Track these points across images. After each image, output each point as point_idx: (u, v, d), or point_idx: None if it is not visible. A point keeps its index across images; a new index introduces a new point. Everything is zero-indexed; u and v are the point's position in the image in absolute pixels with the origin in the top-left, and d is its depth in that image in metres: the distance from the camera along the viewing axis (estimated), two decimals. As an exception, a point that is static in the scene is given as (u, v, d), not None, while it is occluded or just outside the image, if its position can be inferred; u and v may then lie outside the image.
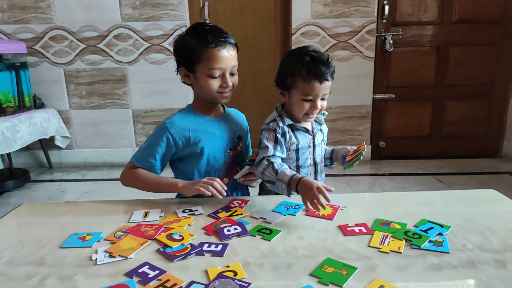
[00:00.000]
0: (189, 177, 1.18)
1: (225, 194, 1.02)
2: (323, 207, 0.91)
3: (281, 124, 1.16)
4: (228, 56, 1.11)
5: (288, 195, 1.04)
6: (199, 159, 1.16)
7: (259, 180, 1.19)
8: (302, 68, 1.10)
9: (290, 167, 1.17)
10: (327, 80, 1.11)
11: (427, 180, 2.82)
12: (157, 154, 1.15)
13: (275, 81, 1.21)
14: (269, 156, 1.11)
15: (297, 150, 1.18)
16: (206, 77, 1.12)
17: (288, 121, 1.17)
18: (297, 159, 1.18)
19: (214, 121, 1.20)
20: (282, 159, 1.15)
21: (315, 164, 1.22)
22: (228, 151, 1.20)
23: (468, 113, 3.26)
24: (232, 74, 1.14)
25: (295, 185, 0.98)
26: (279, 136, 1.15)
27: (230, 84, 1.13)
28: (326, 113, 1.24)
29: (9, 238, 0.91)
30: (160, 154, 1.15)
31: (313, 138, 1.21)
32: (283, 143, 1.15)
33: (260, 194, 1.30)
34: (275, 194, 1.14)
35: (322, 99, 1.14)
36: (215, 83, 1.12)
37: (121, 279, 0.72)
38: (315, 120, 1.22)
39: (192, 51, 1.11)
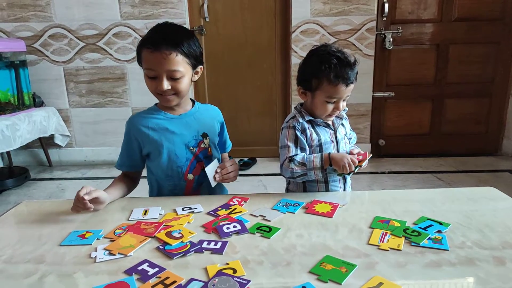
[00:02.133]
0: (154, 174, 1.22)
1: (89, 206, 0.96)
2: (352, 167, 1.04)
3: (300, 120, 1.17)
4: (161, 59, 1.05)
5: (323, 176, 1.12)
6: (160, 157, 1.17)
7: (234, 176, 1.19)
8: (330, 71, 1.10)
9: None
10: (352, 83, 1.12)
11: (426, 178, 2.82)
12: (131, 152, 1.20)
13: (297, 80, 1.21)
14: (291, 157, 1.13)
15: (320, 146, 1.18)
16: (146, 77, 1.11)
17: (308, 117, 1.18)
18: None
19: (175, 119, 1.19)
20: None
21: None
22: (191, 148, 1.19)
23: (467, 111, 3.26)
24: (174, 79, 1.09)
25: (328, 161, 1.08)
26: (298, 133, 1.16)
27: (165, 88, 1.08)
28: (347, 108, 1.24)
29: (8, 236, 0.91)
30: (133, 152, 1.19)
31: (335, 133, 1.21)
32: (303, 140, 1.16)
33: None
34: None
35: (343, 100, 1.15)
36: (152, 85, 1.11)
37: (121, 276, 0.72)
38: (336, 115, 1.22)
39: (138, 48, 1.12)
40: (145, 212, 1.00)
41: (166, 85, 1.08)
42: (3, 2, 2.99)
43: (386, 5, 2.98)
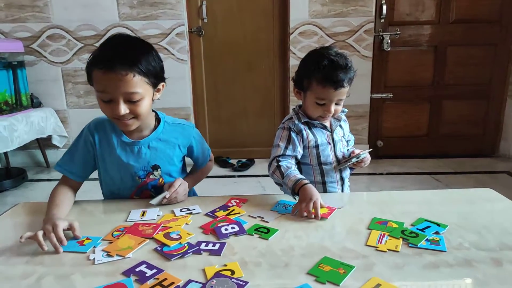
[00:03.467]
0: (105, 186, 1.16)
1: (60, 250, 0.82)
2: (309, 217, 0.95)
3: (296, 121, 1.17)
4: (116, 80, 0.92)
5: (294, 198, 1.06)
6: (102, 176, 1.13)
7: (183, 196, 1.09)
8: (319, 72, 1.09)
9: (312, 165, 1.19)
10: (342, 86, 1.09)
11: (424, 179, 2.82)
12: (79, 159, 1.11)
13: (293, 79, 1.21)
14: (278, 156, 1.13)
15: (316, 147, 1.18)
16: (99, 100, 0.97)
17: (305, 119, 1.17)
18: (318, 156, 1.19)
19: (125, 145, 1.08)
20: (297, 158, 1.16)
21: (337, 160, 1.22)
22: (137, 178, 1.10)
23: (465, 112, 3.27)
24: (132, 101, 0.96)
25: (298, 190, 1.01)
26: (293, 134, 1.15)
27: (122, 112, 0.95)
28: (346, 110, 1.23)
29: (6, 237, 0.91)
30: (81, 158, 1.11)
31: (332, 135, 1.21)
32: (296, 142, 1.15)
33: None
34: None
35: (336, 103, 1.14)
36: (107, 108, 0.97)
37: (118, 278, 0.72)
38: (333, 117, 1.21)
39: (87, 68, 0.97)
40: (143, 214, 1.00)
41: (124, 109, 0.95)
42: (0, 3, 2.98)
43: (384, 7, 2.99)
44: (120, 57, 0.93)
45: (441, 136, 3.33)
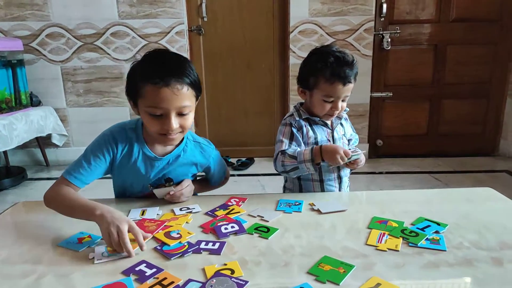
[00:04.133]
0: (115, 183, 1.15)
1: (133, 255, 0.79)
2: (344, 160, 1.02)
3: (297, 118, 1.17)
4: (171, 94, 0.92)
5: (316, 170, 1.07)
6: (114, 179, 1.14)
7: (186, 198, 1.08)
8: (326, 69, 1.10)
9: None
10: (350, 82, 1.11)
11: (424, 178, 2.82)
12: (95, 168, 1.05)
13: (297, 79, 1.21)
14: (283, 150, 1.13)
15: (316, 144, 1.17)
16: (147, 115, 0.96)
17: (305, 115, 1.18)
18: None
19: (147, 159, 1.07)
20: None
21: None
22: (149, 186, 1.10)
23: (465, 111, 3.27)
24: (181, 115, 0.96)
25: (319, 154, 1.03)
26: (294, 130, 1.16)
27: (174, 127, 0.95)
28: (348, 109, 1.24)
29: (5, 236, 0.91)
30: (97, 167, 1.05)
31: (332, 132, 1.21)
32: (299, 137, 1.16)
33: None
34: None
35: (342, 100, 1.14)
36: (156, 123, 0.96)
37: (118, 277, 0.72)
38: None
39: (133, 83, 0.97)
40: (143, 213, 1.00)
41: (175, 123, 0.95)
42: (0, 1, 2.97)
43: (384, 6, 2.98)
44: (174, 71, 0.93)
45: (441, 135, 3.32)
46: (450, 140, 3.33)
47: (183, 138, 1.10)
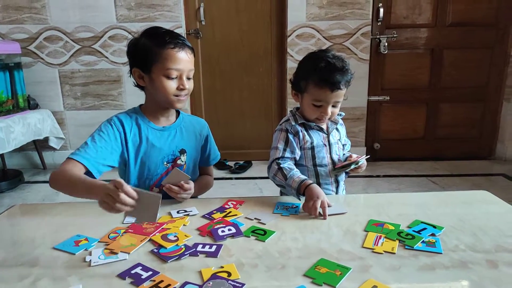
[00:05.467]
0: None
1: (132, 202, 0.80)
2: (316, 216, 0.97)
3: (293, 123, 1.17)
4: (185, 58, 1.08)
5: (298, 198, 1.06)
6: (130, 165, 1.14)
7: (188, 195, 1.08)
8: (315, 74, 1.10)
9: (307, 166, 1.19)
10: (339, 88, 1.10)
11: (421, 181, 2.83)
12: (104, 152, 1.07)
13: (290, 81, 1.22)
14: (278, 159, 1.13)
15: (312, 149, 1.18)
16: (162, 78, 1.08)
17: (301, 120, 1.18)
18: (313, 158, 1.19)
19: (156, 131, 1.16)
20: (295, 160, 1.17)
21: (333, 163, 1.22)
22: (165, 163, 1.16)
23: (462, 115, 3.29)
24: (188, 79, 1.11)
25: (303, 190, 1.03)
26: (290, 136, 1.16)
27: (187, 87, 1.10)
28: (343, 113, 1.24)
29: (2, 239, 0.91)
30: (106, 152, 1.07)
31: (328, 137, 1.22)
32: (294, 143, 1.16)
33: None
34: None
35: (333, 106, 1.14)
36: (172, 85, 1.08)
37: (114, 280, 0.72)
38: (329, 119, 1.21)
39: (148, 51, 1.08)
40: (140, 215, 1.00)
41: (187, 83, 1.10)
42: (-2, 4, 2.98)
43: (381, 10, 3.00)
44: (182, 38, 1.09)
45: (437, 139, 3.34)
46: (447, 144, 3.34)
47: (179, 113, 1.23)
